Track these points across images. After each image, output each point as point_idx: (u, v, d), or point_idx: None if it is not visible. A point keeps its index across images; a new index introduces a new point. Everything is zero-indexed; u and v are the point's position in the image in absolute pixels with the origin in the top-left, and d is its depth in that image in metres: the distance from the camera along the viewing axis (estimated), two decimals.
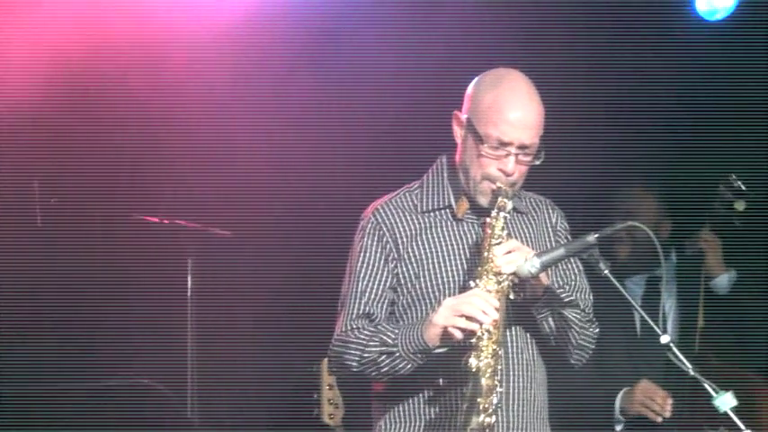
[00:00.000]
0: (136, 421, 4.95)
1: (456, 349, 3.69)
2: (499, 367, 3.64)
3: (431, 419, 3.82)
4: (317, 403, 5.40)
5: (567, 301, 3.86)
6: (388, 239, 3.90)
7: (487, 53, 4.19)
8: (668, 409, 5.17)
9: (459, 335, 3.64)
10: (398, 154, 5.54)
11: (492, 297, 3.66)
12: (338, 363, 3.86)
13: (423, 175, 4.01)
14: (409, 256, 3.88)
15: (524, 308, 3.83)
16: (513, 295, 3.75)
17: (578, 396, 5.12)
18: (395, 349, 3.74)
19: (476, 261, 3.80)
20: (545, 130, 3.84)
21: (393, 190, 4.01)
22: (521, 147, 3.80)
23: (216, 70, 5.87)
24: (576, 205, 4.32)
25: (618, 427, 5.32)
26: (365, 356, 3.78)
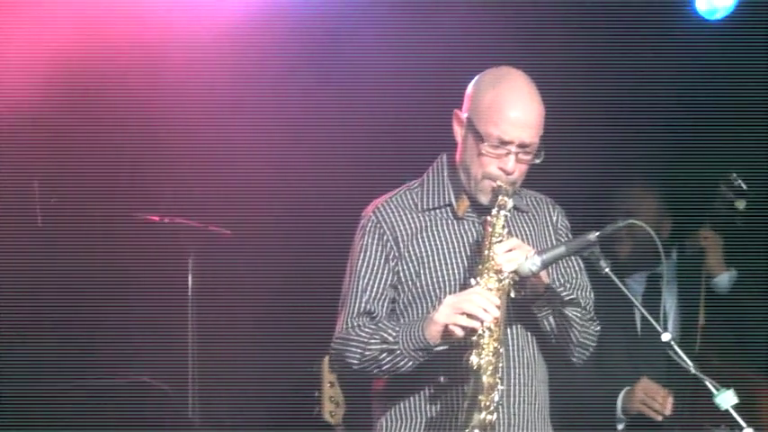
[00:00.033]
0: (137, 420, 4.95)
1: (457, 347, 3.69)
2: (500, 365, 3.64)
3: (432, 417, 3.81)
4: (317, 401, 5.39)
5: (568, 299, 3.86)
6: (388, 238, 3.90)
7: (487, 53, 4.18)
8: (669, 408, 5.17)
9: (460, 332, 3.64)
10: (398, 154, 5.53)
11: (493, 295, 3.65)
12: (339, 361, 3.86)
13: (423, 174, 4.01)
14: (410, 254, 3.88)
15: (525, 306, 3.83)
16: (513, 293, 3.74)
17: (580, 395, 5.13)
18: (396, 347, 3.73)
19: (476, 259, 3.80)
20: (545, 129, 3.84)
21: (393, 189, 4.01)
22: (521, 145, 3.80)
23: (216, 70, 5.86)
24: (577, 204, 4.31)
25: (620, 426, 5.32)
26: (366, 354, 3.78)
